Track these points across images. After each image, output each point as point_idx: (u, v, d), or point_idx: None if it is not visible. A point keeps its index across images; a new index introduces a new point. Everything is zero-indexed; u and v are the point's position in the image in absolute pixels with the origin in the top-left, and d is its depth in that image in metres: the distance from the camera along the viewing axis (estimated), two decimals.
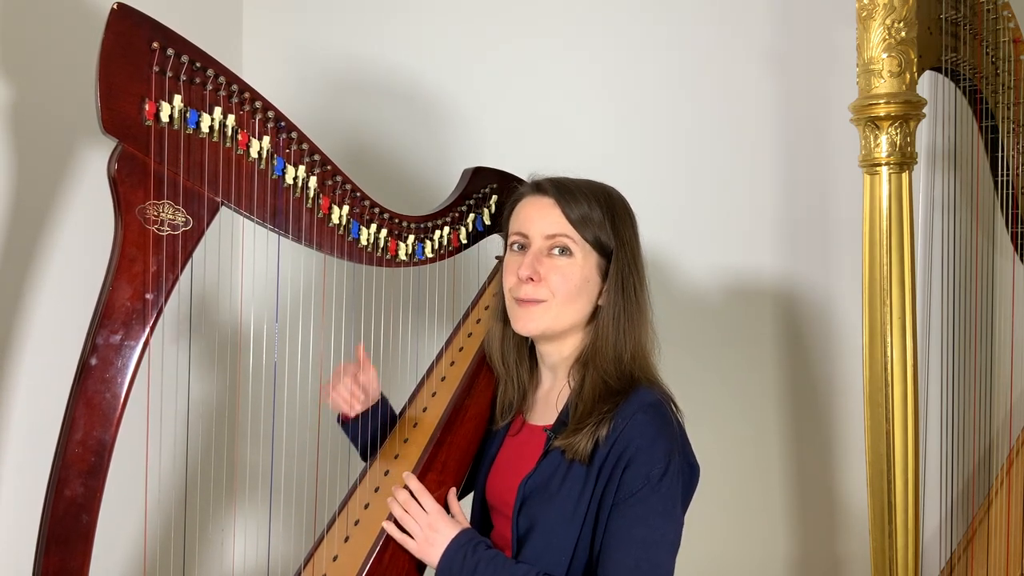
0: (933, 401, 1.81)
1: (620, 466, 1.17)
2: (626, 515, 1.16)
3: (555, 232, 1.26)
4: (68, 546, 1.06)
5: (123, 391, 1.09)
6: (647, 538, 1.15)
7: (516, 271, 1.28)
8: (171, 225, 1.14)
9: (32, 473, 1.35)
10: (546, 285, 1.25)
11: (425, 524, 1.24)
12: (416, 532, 1.24)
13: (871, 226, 1.53)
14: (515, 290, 1.28)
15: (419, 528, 1.24)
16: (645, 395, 1.21)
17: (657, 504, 1.15)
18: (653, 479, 1.15)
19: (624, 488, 1.16)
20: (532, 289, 1.26)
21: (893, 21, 1.49)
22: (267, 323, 1.74)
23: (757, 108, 2.03)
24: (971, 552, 1.80)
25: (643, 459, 1.16)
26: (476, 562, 1.19)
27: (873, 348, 1.54)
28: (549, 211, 1.27)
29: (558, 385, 1.33)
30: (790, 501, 2.05)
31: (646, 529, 1.15)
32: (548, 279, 1.25)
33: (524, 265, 1.26)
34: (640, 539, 1.15)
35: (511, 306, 1.30)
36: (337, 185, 1.30)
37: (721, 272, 2.05)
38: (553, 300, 1.26)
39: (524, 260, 1.27)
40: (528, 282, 1.26)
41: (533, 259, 1.26)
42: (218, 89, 1.17)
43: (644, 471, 1.15)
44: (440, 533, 1.23)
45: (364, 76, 2.15)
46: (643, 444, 1.16)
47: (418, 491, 1.26)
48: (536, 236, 1.27)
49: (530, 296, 1.26)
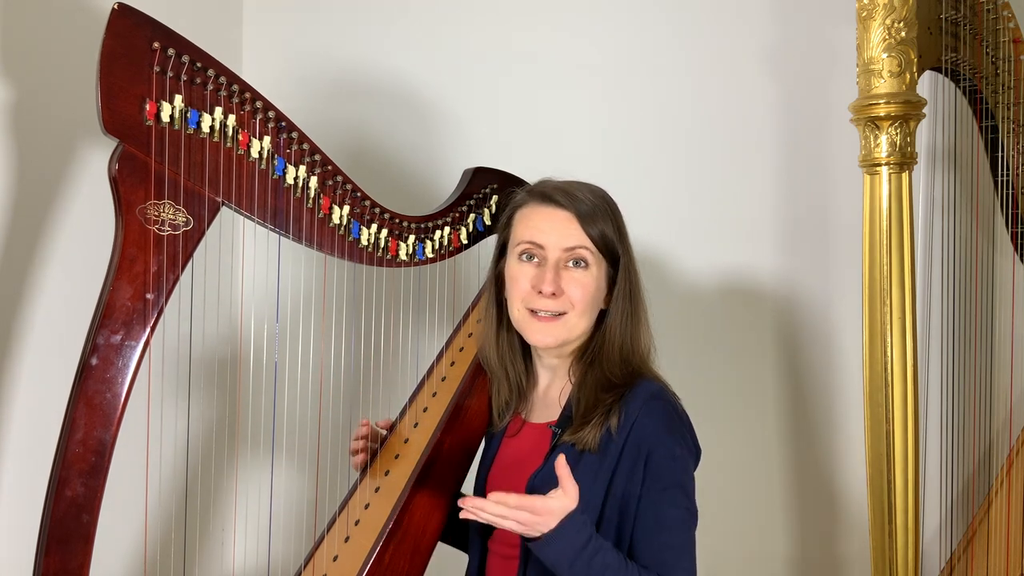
0: (933, 401, 1.81)
1: (642, 455, 1.19)
2: (661, 502, 1.19)
3: (574, 245, 1.27)
4: (68, 546, 1.06)
5: (123, 391, 1.09)
6: (681, 519, 1.19)
7: (530, 282, 1.28)
8: (172, 225, 1.14)
9: (32, 473, 1.35)
10: (566, 298, 1.27)
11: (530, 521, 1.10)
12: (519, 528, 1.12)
13: (871, 226, 1.53)
14: (529, 301, 1.28)
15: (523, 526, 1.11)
16: (650, 385, 1.25)
17: (686, 484, 1.21)
18: (677, 464, 1.20)
19: (651, 476, 1.19)
20: (553, 303, 1.26)
21: (893, 21, 1.49)
22: (267, 323, 1.74)
23: (757, 108, 2.03)
24: (971, 552, 1.80)
25: (666, 445, 1.20)
26: (599, 546, 1.12)
27: (873, 348, 1.54)
28: (567, 224, 1.27)
29: (558, 383, 1.34)
30: (790, 501, 2.05)
31: (678, 511, 1.19)
32: (568, 292, 1.26)
33: (547, 281, 1.26)
34: (678, 520, 1.19)
35: (525, 319, 1.29)
36: (338, 185, 1.30)
37: (720, 272, 2.05)
38: (572, 312, 1.27)
39: (546, 275, 1.26)
40: (551, 297, 1.26)
41: (555, 274, 1.26)
42: (219, 89, 1.17)
43: (668, 457, 1.20)
44: (552, 515, 1.10)
45: (364, 76, 2.15)
46: (661, 431, 1.20)
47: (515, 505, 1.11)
48: (554, 248, 1.27)
49: (551, 309, 1.27)
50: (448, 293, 1.59)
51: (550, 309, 1.27)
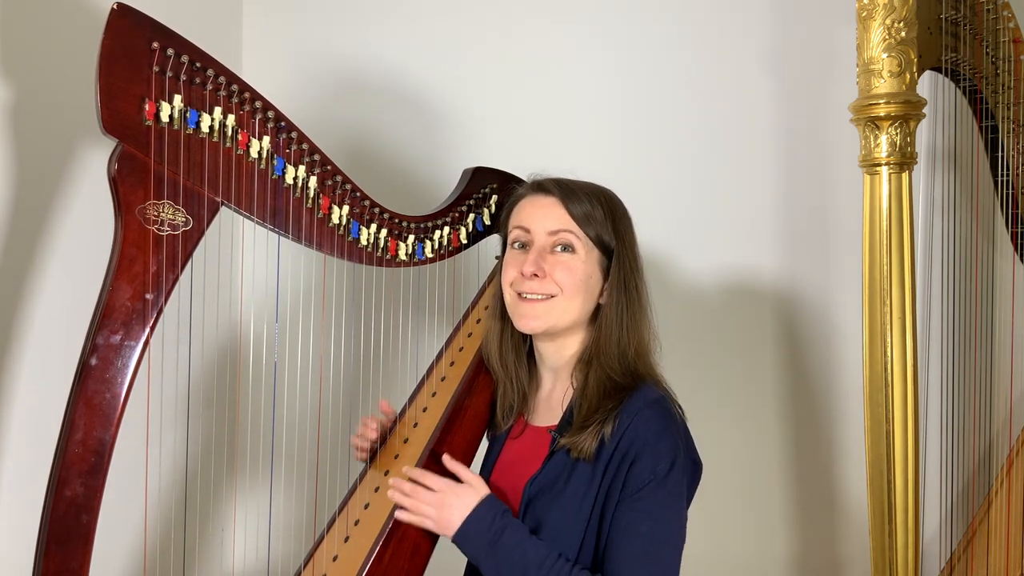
0: (933, 401, 1.81)
1: (626, 462, 1.17)
2: (633, 510, 1.16)
3: (558, 228, 1.27)
4: (68, 546, 1.06)
5: (123, 391, 1.09)
6: (653, 533, 1.15)
7: (519, 267, 1.28)
8: (171, 225, 1.14)
9: (32, 473, 1.35)
10: (551, 280, 1.25)
11: (436, 502, 1.21)
12: (430, 512, 1.22)
13: (871, 226, 1.53)
14: (517, 284, 1.28)
15: (432, 508, 1.21)
16: (648, 392, 1.22)
17: (663, 499, 1.16)
18: (659, 474, 1.16)
19: (630, 483, 1.17)
20: (537, 284, 1.26)
21: (893, 21, 1.49)
22: (267, 323, 1.75)
23: (757, 108, 2.03)
24: (971, 552, 1.80)
25: (649, 455, 1.16)
26: (504, 526, 1.18)
27: (873, 348, 1.54)
28: (552, 208, 1.28)
29: (560, 386, 1.33)
30: (790, 501, 2.05)
31: (652, 524, 1.15)
32: (553, 274, 1.25)
33: (528, 261, 1.26)
34: (646, 534, 1.15)
35: (513, 303, 1.30)
36: (337, 185, 1.30)
37: (721, 272, 2.05)
38: (560, 295, 1.26)
39: (528, 256, 1.27)
40: (532, 278, 1.26)
41: (537, 255, 1.26)
42: (218, 89, 1.17)
43: (650, 466, 1.16)
44: (460, 498, 1.21)
45: (364, 76, 2.15)
46: (649, 440, 1.17)
47: (419, 475, 1.24)
48: (539, 232, 1.28)
49: (535, 291, 1.26)
50: (448, 293, 1.59)
51: (536, 291, 1.26)
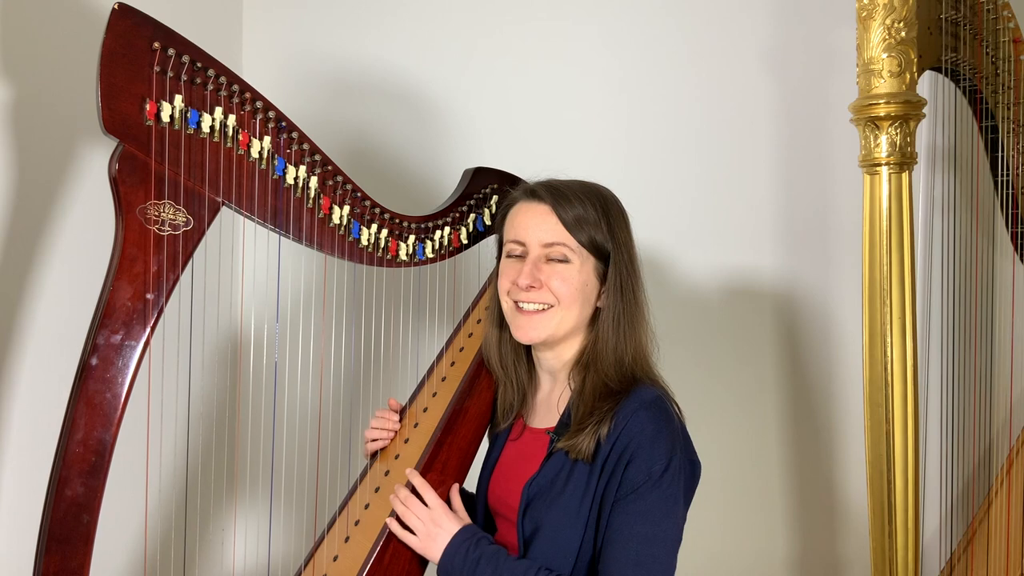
0: (933, 401, 1.81)
1: (622, 463, 1.17)
2: (628, 511, 1.16)
3: (552, 240, 1.25)
4: (68, 546, 1.06)
5: (123, 391, 1.09)
6: (648, 534, 1.15)
7: (514, 278, 1.27)
8: (172, 225, 1.14)
9: (32, 473, 1.35)
10: (548, 290, 1.25)
11: (427, 519, 1.24)
12: (418, 527, 1.24)
13: (871, 226, 1.53)
14: (514, 293, 1.27)
15: (421, 523, 1.24)
16: (645, 392, 1.21)
17: (659, 500, 1.16)
18: (655, 475, 1.15)
19: (626, 484, 1.16)
20: (534, 295, 1.25)
21: (893, 21, 1.49)
22: (267, 323, 1.75)
23: (757, 108, 2.03)
24: (971, 552, 1.80)
25: (645, 455, 1.16)
26: (478, 557, 1.20)
27: (873, 348, 1.54)
28: (545, 217, 1.26)
29: (558, 388, 1.33)
30: (790, 501, 2.05)
31: (648, 525, 1.15)
32: (549, 283, 1.25)
33: (524, 274, 1.25)
34: (642, 535, 1.15)
35: (511, 314, 1.29)
36: (338, 185, 1.30)
37: (721, 272, 2.05)
38: (557, 306, 1.25)
39: (523, 268, 1.26)
40: (529, 290, 1.25)
41: (532, 267, 1.25)
42: (219, 89, 1.17)
43: (646, 467, 1.16)
44: (443, 528, 1.23)
45: (364, 76, 2.15)
46: (644, 440, 1.16)
47: (420, 487, 1.26)
48: (533, 244, 1.27)
49: (532, 301, 1.25)
50: (448, 293, 1.59)
51: (532, 301, 1.26)
